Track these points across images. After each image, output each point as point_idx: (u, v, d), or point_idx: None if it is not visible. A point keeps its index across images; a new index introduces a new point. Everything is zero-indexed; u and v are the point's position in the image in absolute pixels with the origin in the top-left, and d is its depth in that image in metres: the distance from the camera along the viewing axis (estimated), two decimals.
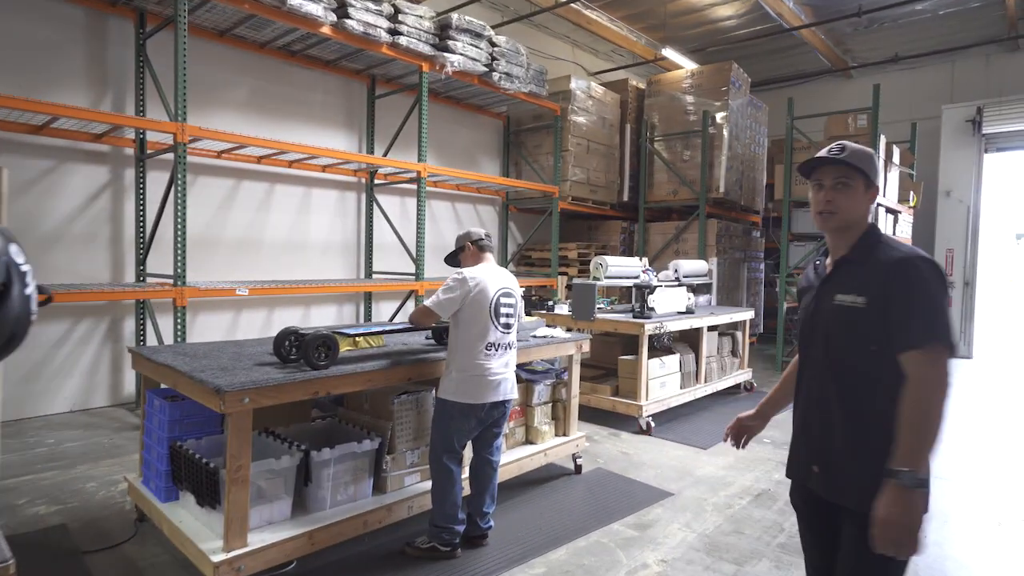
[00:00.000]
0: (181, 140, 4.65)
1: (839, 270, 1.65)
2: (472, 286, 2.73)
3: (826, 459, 1.62)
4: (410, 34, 6.07)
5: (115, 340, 5.42)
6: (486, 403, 2.73)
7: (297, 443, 2.81)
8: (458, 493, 2.81)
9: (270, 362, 2.75)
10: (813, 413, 1.67)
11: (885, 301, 1.50)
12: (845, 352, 1.59)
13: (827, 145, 1.84)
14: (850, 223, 1.63)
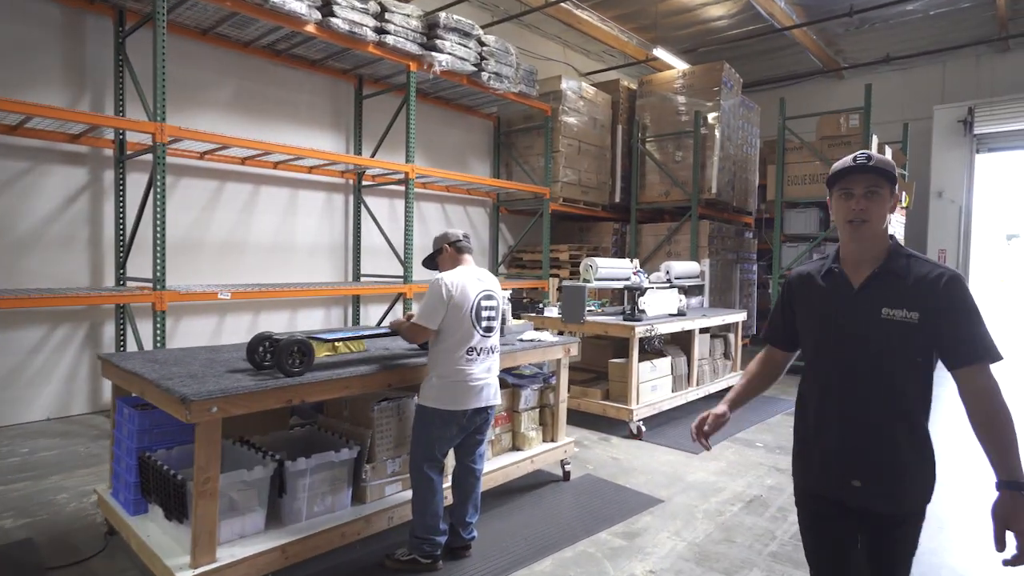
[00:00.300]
0: (160, 140, 4.54)
1: (879, 282, 1.63)
2: (452, 291, 2.63)
3: (875, 472, 1.62)
4: (397, 33, 5.98)
5: (94, 346, 5.30)
6: (468, 409, 2.64)
7: (272, 453, 2.71)
8: (439, 503, 2.71)
9: (243, 369, 2.65)
10: (855, 426, 1.64)
11: (937, 317, 1.55)
12: (894, 365, 1.60)
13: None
14: (878, 231, 1.63)
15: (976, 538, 3.26)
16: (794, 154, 7.76)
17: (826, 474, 1.71)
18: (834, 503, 1.70)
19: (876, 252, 1.65)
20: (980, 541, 3.23)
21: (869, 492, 1.63)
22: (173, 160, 5.58)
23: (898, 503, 1.62)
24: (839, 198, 1.66)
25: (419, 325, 2.66)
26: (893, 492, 1.61)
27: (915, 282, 1.58)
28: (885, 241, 1.66)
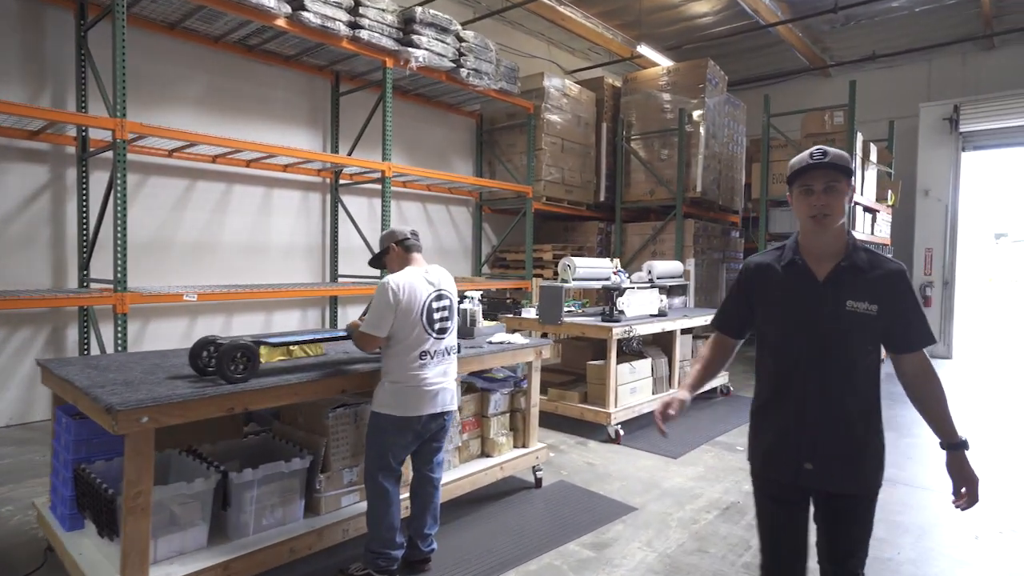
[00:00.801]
0: (120, 137, 4.39)
1: (844, 276, 1.71)
2: (399, 294, 2.50)
3: (831, 453, 1.71)
4: (372, 28, 5.85)
5: (57, 349, 5.13)
6: (422, 415, 2.51)
7: (216, 463, 2.57)
8: (395, 515, 2.58)
9: (186, 375, 2.50)
10: (815, 411, 1.73)
11: (891, 308, 1.69)
12: (853, 353, 1.71)
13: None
14: (838, 224, 1.71)
15: (957, 545, 3.16)
16: (779, 152, 7.67)
17: (780, 458, 1.78)
18: (788, 486, 1.79)
19: (839, 246, 1.72)
20: (961, 548, 3.13)
21: (826, 474, 1.72)
22: (140, 158, 5.43)
23: (858, 483, 1.72)
24: (800, 195, 1.73)
25: (367, 334, 2.52)
26: (853, 473, 1.71)
27: (875, 276, 1.69)
28: (844, 235, 1.73)
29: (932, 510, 3.58)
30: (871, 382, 1.73)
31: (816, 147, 1.70)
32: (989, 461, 4.52)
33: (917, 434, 5.12)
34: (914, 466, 4.32)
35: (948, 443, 1.70)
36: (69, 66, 5.02)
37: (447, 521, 3.23)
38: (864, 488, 1.73)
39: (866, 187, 7.69)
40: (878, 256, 1.74)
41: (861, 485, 1.73)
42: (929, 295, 9.59)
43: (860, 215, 7.42)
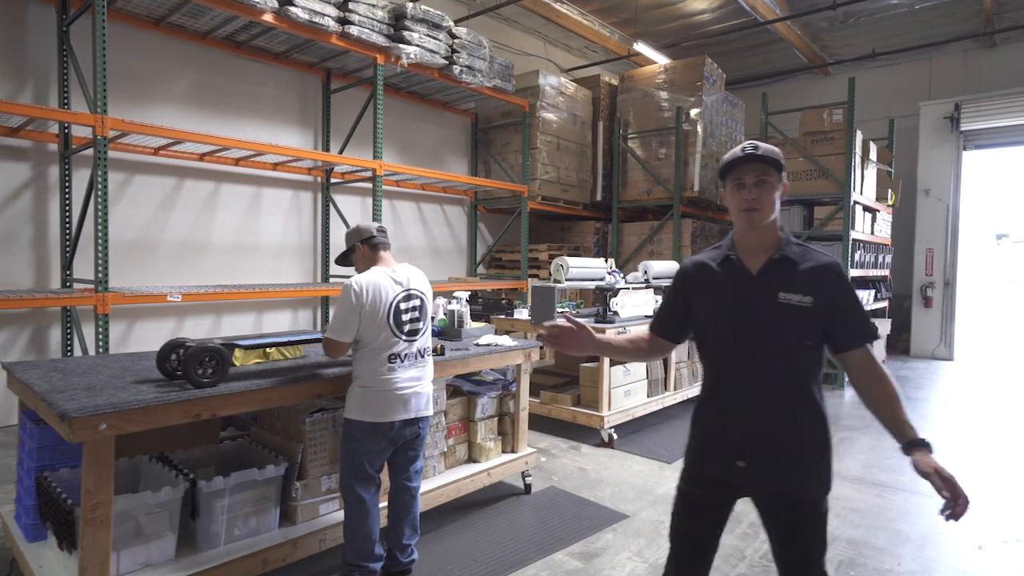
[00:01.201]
0: (101, 134, 4.28)
1: (776, 268, 1.68)
2: (363, 297, 2.39)
3: (765, 451, 1.65)
4: (362, 24, 5.74)
5: (39, 351, 5.02)
6: (394, 421, 2.40)
7: (185, 471, 2.46)
8: (373, 525, 2.47)
9: (154, 379, 2.40)
10: (750, 407, 1.68)
11: (829, 303, 1.64)
12: (788, 349, 1.65)
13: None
14: (771, 218, 1.69)
15: (959, 555, 3.05)
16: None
17: (713, 454, 1.73)
18: (718, 486, 1.73)
19: (770, 240, 1.70)
20: (964, 558, 3.02)
21: (759, 473, 1.66)
22: (125, 156, 5.33)
23: (793, 484, 1.64)
24: (732, 189, 1.71)
25: (332, 340, 2.41)
26: (789, 473, 1.64)
27: (807, 269, 1.66)
28: (777, 229, 1.72)
29: (934, 518, 3.47)
30: (811, 379, 1.66)
31: (748, 141, 1.69)
32: (993, 467, 4.41)
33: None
34: (914, 471, 4.19)
35: (908, 443, 1.57)
36: (51, 62, 4.92)
37: (431, 529, 3.13)
38: (802, 491, 1.64)
39: (866, 186, 7.58)
40: (811, 250, 1.72)
41: (798, 487, 1.64)
42: (930, 296, 9.48)
43: (860, 215, 7.31)
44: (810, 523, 1.67)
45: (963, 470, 4.28)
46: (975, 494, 3.80)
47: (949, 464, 4.09)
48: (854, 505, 3.62)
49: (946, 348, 9.48)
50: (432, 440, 3.28)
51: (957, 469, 4.11)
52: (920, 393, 6.87)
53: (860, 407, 6.13)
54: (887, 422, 1.61)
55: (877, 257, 8.20)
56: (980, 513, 3.53)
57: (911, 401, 6.45)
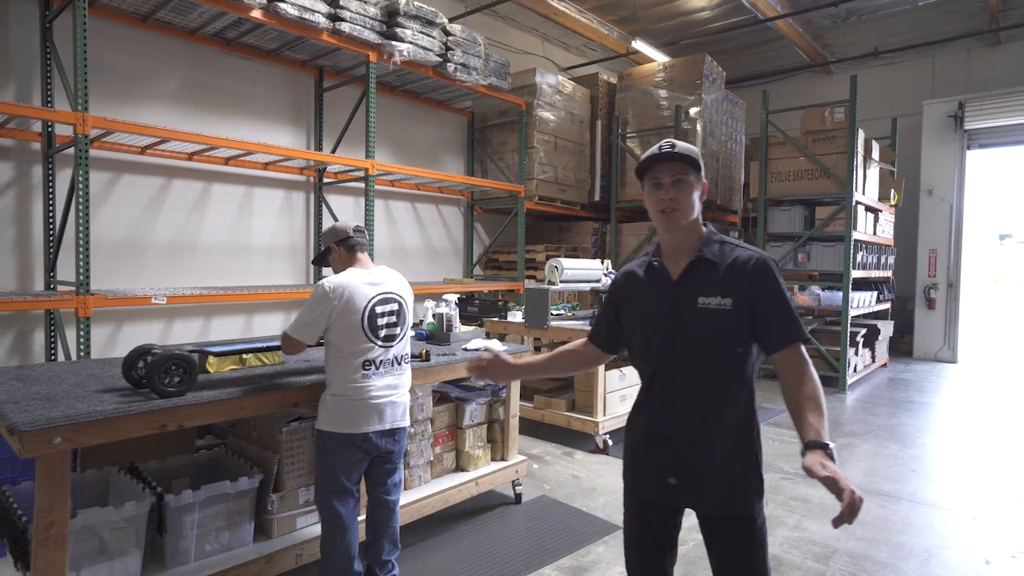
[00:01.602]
0: (82, 132, 4.17)
1: (695, 272, 1.61)
2: (335, 299, 2.28)
3: (695, 467, 1.58)
4: (353, 20, 5.63)
5: (23, 355, 4.92)
6: (368, 432, 2.28)
7: (153, 483, 2.35)
8: (351, 541, 2.35)
9: (120, 388, 2.29)
10: (673, 423, 1.60)
11: (751, 302, 1.54)
12: (713, 357, 1.57)
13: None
14: (690, 220, 1.62)
15: (965, 570, 2.93)
16: (778, 149, 7.44)
17: (644, 471, 1.66)
18: (654, 504, 1.66)
19: (692, 242, 1.63)
20: (971, 575, 2.90)
21: (689, 490, 1.58)
22: (111, 155, 5.22)
23: (725, 503, 1.56)
24: (650, 189, 1.64)
25: (291, 337, 2.31)
26: (718, 491, 1.55)
27: (727, 268, 1.57)
28: (699, 230, 1.65)
29: (939, 530, 3.34)
30: (741, 388, 1.57)
31: (665, 140, 1.64)
32: (1000, 475, 4.27)
33: (922, 444, 4.88)
34: (918, 480, 4.08)
35: (807, 443, 1.42)
36: (35, 59, 4.81)
37: (415, 542, 3.02)
38: (733, 509, 1.55)
39: (868, 186, 7.45)
40: (736, 247, 1.62)
41: (729, 505, 1.56)
42: (933, 297, 9.34)
43: (862, 215, 7.18)
44: (747, 542, 1.58)
45: (969, 479, 4.15)
46: (984, 503, 3.68)
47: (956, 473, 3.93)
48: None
49: (949, 350, 9.34)
50: (418, 448, 3.17)
51: (963, 477, 3.98)
52: (923, 397, 6.74)
53: (861, 412, 6.04)
54: (797, 422, 1.48)
55: (880, 258, 8.07)
56: (987, 525, 3.41)
57: (914, 405, 6.32)
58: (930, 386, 7.37)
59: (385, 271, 2.48)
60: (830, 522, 1.30)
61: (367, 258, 2.50)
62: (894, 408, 6.18)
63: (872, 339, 7.98)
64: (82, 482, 2.48)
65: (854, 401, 6.49)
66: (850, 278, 6.82)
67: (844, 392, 6.79)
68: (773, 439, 4.99)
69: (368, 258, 2.50)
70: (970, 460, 4.54)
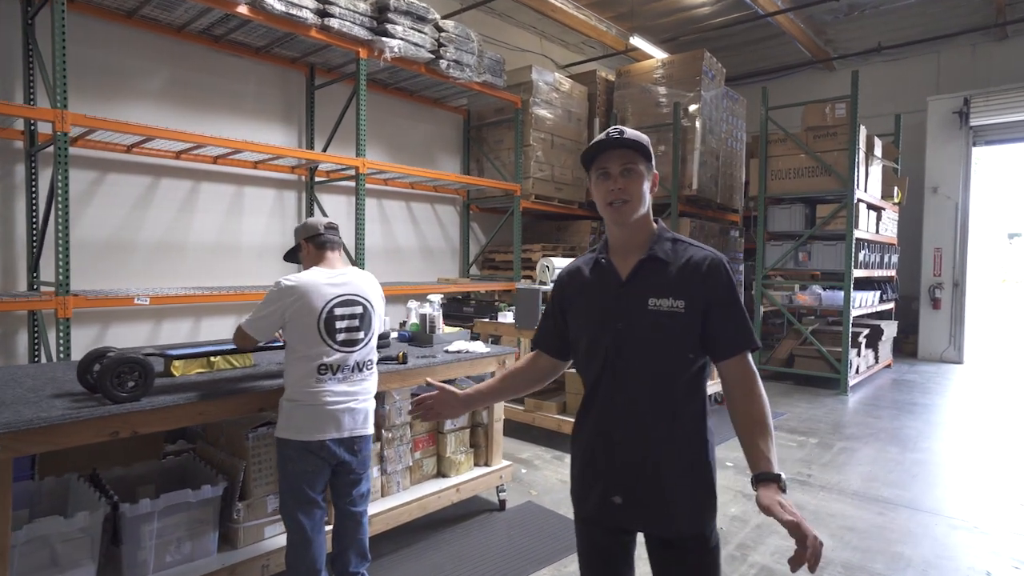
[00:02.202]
0: (61, 129, 4.09)
1: (645, 270, 1.49)
2: (290, 297, 2.18)
3: (641, 486, 1.45)
4: (343, 16, 5.53)
5: (7, 356, 4.85)
6: (324, 439, 2.16)
7: (110, 492, 2.26)
8: (317, 554, 2.24)
9: (75, 392, 2.20)
10: (617, 435, 1.47)
11: (704, 305, 1.44)
12: (663, 363, 1.45)
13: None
14: (641, 214, 1.50)
15: None
16: (778, 146, 7.30)
17: (588, 489, 1.53)
18: (600, 524, 1.52)
19: (642, 238, 1.51)
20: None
21: (635, 510, 1.45)
22: (97, 153, 5.15)
23: (674, 525, 1.44)
24: (597, 180, 1.51)
25: (242, 331, 2.21)
26: (666, 511, 1.44)
27: (680, 267, 1.46)
28: (650, 226, 1.54)
29: (939, 539, 3.21)
30: (693, 398, 1.46)
31: (613, 127, 1.49)
32: (1004, 481, 4.13)
33: (925, 448, 4.74)
34: (919, 486, 3.94)
35: (758, 475, 1.35)
36: (17, 56, 4.75)
37: (391, 550, 2.92)
38: (684, 529, 1.44)
39: (870, 184, 7.31)
40: (690, 246, 1.51)
41: (679, 527, 1.44)
42: (938, 297, 9.17)
43: (864, 213, 7.04)
44: (699, 565, 1.46)
45: (973, 485, 4.01)
46: (985, 513, 3.54)
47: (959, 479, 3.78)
48: (852, 524, 3.37)
49: (955, 351, 9.17)
50: (396, 454, 3.07)
51: (966, 484, 3.84)
52: (927, 398, 6.59)
53: (863, 414, 5.89)
54: (746, 447, 1.40)
55: (883, 257, 7.92)
56: (990, 535, 3.28)
57: (917, 407, 6.17)
58: (935, 388, 7.21)
59: (353, 272, 2.38)
60: (788, 562, 1.22)
61: (337, 257, 2.40)
62: (897, 410, 6.03)
63: (875, 339, 7.83)
64: (40, 490, 2.39)
65: (856, 403, 6.34)
66: (852, 277, 6.67)
67: (846, 394, 6.65)
68: None
69: (338, 257, 2.40)
70: (975, 465, 4.40)
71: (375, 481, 2.96)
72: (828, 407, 6.11)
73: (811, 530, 1.21)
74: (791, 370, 7.24)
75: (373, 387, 2.34)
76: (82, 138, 4.88)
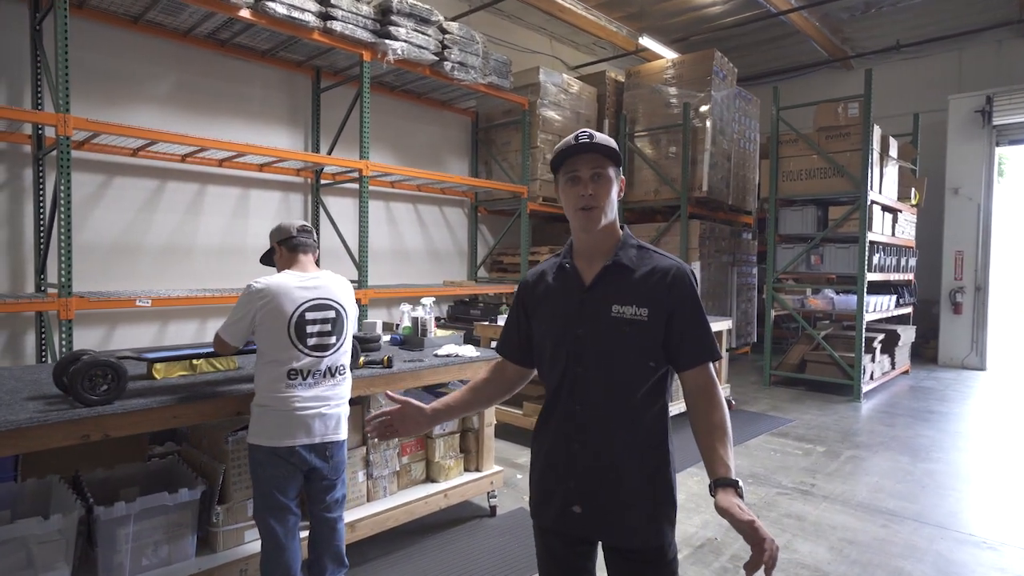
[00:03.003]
0: (64, 134, 4.14)
1: (610, 277, 1.46)
2: (260, 300, 2.16)
3: (600, 495, 1.43)
4: (345, 19, 5.55)
5: (15, 356, 4.93)
6: (293, 446, 2.13)
7: (86, 495, 2.26)
8: (290, 561, 2.21)
9: (50, 395, 2.20)
10: (578, 444, 1.45)
11: (669, 314, 1.42)
12: (624, 371, 1.43)
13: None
14: (610, 219, 1.48)
15: None
16: (790, 147, 7.16)
17: (547, 497, 1.50)
18: (559, 535, 1.49)
19: (608, 244, 1.49)
20: None
21: (594, 520, 1.43)
22: (103, 157, 5.22)
23: (634, 536, 1.42)
24: (566, 184, 1.47)
25: (219, 337, 2.20)
26: (624, 522, 1.42)
27: (644, 275, 1.44)
28: (616, 231, 1.51)
29: (944, 555, 3.08)
30: (654, 407, 1.44)
31: (582, 130, 1.46)
32: (1020, 495, 3.97)
33: (937, 458, 4.59)
34: (928, 498, 3.80)
35: (715, 480, 1.32)
36: (25, 62, 4.83)
37: (376, 556, 2.89)
38: (642, 541, 1.41)
39: (885, 185, 7.12)
40: (654, 253, 1.50)
41: (638, 539, 1.42)
42: (960, 301, 8.91)
43: (878, 215, 6.86)
44: None
45: (985, 499, 3.86)
46: (995, 528, 3.40)
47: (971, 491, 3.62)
48: (853, 536, 3.25)
49: (977, 357, 8.89)
50: (382, 458, 3.04)
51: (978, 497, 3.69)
52: (944, 406, 6.39)
53: (875, 422, 5.72)
54: (704, 454, 1.38)
55: (899, 260, 7.71)
56: (999, 552, 3.14)
57: (934, 415, 5.99)
58: (953, 395, 6.99)
59: (327, 276, 2.36)
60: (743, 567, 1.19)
61: (310, 260, 2.38)
62: (911, 418, 5.85)
63: (891, 345, 7.62)
64: (22, 491, 2.41)
65: (869, 410, 6.17)
66: (865, 281, 6.50)
67: (859, 400, 6.48)
68: (775, 450, 4.74)
69: (311, 260, 2.39)
70: (990, 478, 4.23)
71: (360, 485, 2.93)
72: (839, 414, 5.95)
73: (768, 534, 1.19)
74: (803, 376, 7.08)
75: (346, 392, 2.31)
76: (88, 142, 4.96)
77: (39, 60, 4.77)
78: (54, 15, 4.14)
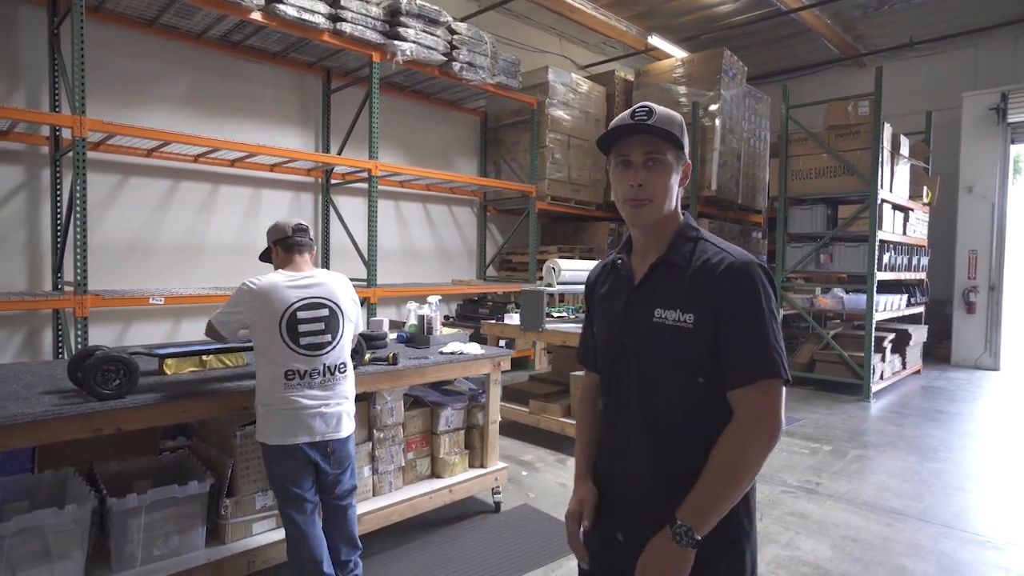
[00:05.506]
0: (79, 135, 4.24)
1: (655, 275, 1.27)
2: (251, 300, 2.20)
3: (646, 523, 1.21)
4: (355, 20, 5.61)
5: (33, 352, 5.06)
6: (297, 444, 2.18)
7: (100, 487, 2.33)
8: (314, 547, 2.25)
9: (65, 389, 2.27)
10: (629, 462, 1.28)
11: (716, 319, 1.18)
12: (669, 387, 1.22)
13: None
14: (664, 211, 1.26)
15: None
16: (799, 146, 7.12)
17: (594, 524, 1.32)
18: (601, 562, 1.31)
19: (666, 236, 1.28)
20: None
21: (637, 551, 1.19)
22: (118, 158, 5.34)
23: None
24: (617, 168, 1.27)
25: (212, 326, 2.25)
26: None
27: (693, 273, 1.21)
28: (675, 222, 1.29)
29: (948, 554, 3.08)
30: (704, 426, 1.18)
31: (641, 104, 1.24)
32: None
33: (944, 458, 4.56)
34: (934, 497, 3.79)
35: (679, 526, 1.13)
36: (43, 65, 4.95)
37: (383, 549, 2.95)
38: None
39: (897, 183, 7.06)
40: (710, 246, 1.25)
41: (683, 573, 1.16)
42: (973, 301, 8.81)
43: (889, 214, 6.81)
44: None
45: (992, 499, 3.84)
46: (1001, 529, 3.38)
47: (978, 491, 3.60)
48: (856, 534, 3.25)
49: (991, 357, 8.79)
50: (388, 454, 3.09)
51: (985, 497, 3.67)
52: (955, 407, 6.33)
53: (884, 422, 5.70)
54: (698, 493, 1.14)
55: (911, 259, 7.64)
56: (1004, 552, 3.13)
57: (943, 415, 5.94)
58: (965, 395, 6.92)
59: (322, 274, 2.41)
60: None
61: (305, 260, 2.43)
62: (920, 418, 5.81)
63: (902, 344, 7.56)
64: (39, 483, 2.48)
65: (878, 410, 6.14)
66: (875, 280, 6.46)
67: (868, 400, 6.44)
68: (781, 449, 4.73)
69: (307, 260, 2.44)
70: (998, 478, 4.20)
71: (366, 480, 2.98)
72: (848, 414, 5.93)
73: None
74: (812, 375, 7.05)
75: (348, 390, 2.35)
76: (103, 143, 5.07)
77: (56, 63, 4.88)
78: (71, 19, 4.24)
